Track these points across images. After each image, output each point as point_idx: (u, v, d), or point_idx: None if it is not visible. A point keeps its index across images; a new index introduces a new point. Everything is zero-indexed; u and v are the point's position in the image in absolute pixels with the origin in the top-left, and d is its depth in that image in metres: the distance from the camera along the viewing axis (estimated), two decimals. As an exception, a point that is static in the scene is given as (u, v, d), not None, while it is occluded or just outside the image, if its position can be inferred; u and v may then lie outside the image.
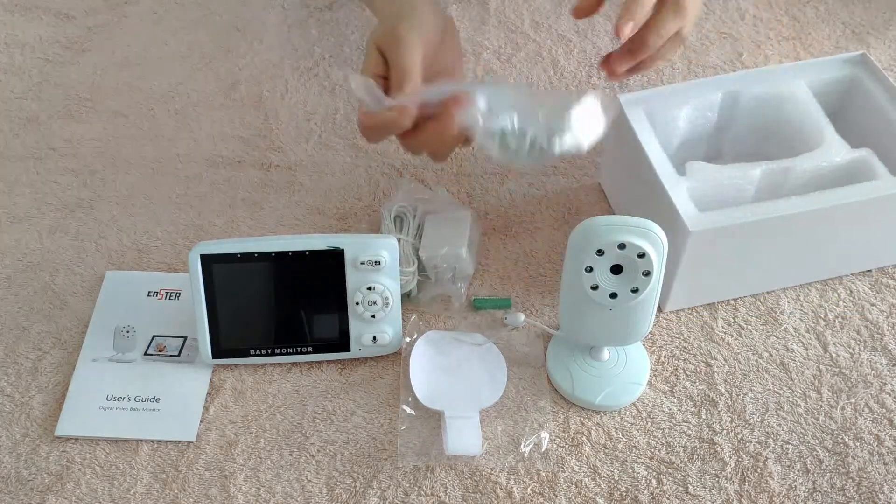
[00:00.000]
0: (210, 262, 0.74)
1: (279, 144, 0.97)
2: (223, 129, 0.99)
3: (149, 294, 0.83)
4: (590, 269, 0.67)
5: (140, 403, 0.76)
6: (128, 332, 0.80)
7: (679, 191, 0.75)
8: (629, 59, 0.72)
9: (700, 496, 0.70)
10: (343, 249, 0.75)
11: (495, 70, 1.04)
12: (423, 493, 0.71)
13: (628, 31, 0.68)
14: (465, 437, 0.72)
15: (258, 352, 0.77)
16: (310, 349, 0.78)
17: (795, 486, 0.71)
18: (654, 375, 0.77)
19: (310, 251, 0.74)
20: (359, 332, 0.77)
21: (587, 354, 0.77)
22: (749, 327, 0.81)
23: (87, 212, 0.91)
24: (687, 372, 0.78)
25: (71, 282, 0.85)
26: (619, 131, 0.83)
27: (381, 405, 0.76)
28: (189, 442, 0.74)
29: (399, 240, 0.80)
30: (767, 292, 0.83)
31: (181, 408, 0.76)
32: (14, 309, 0.83)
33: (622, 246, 0.65)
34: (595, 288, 0.68)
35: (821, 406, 0.75)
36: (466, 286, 0.83)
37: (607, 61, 0.73)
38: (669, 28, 0.70)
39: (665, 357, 0.79)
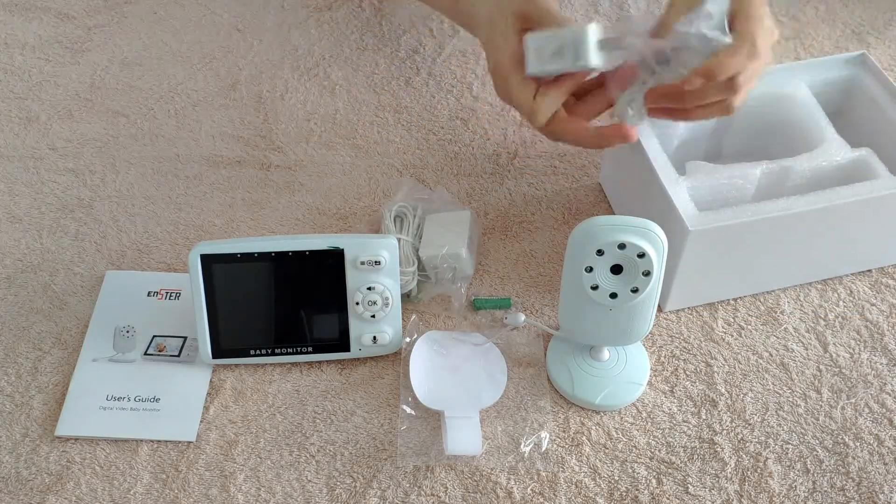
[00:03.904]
0: (210, 262, 0.74)
1: (279, 144, 0.97)
2: (223, 129, 0.99)
3: (149, 294, 0.83)
4: (590, 269, 0.67)
5: (140, 403, 0.76)
6: (128, 332, 0.80)
7: (679, 191, 0.75)
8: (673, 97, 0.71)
9: (700, 496, 0.70)
10: (343, 249, 0.75)
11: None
12: (423, 493, 0.71)
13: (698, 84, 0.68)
14: (465, 437, 0.72)
15: (258, 352, 0.77)
16: (310, 349, 0.78)
17: (795, 486, 0.71)
18: (654, 375, 0.77)
19: (310, 251, 0.74)
20: (359, 332, 0.77)
21: (587, 354, 0.77)
22: (749, 327, 0.81)
23: (87, 212, 0.91)
24: (687, 372, 0.78)
25: (71, 282, 0.85)
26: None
27: (381, 405, 0.76)
28: (189, 442, 0.74)
29: (399, 240, 0.80)
30: (767, 292, 0.83)
31: (181, 408, 0.75)
32: (14, 309, 0.83)
33: (622, 246, 0.65)
34: (595, 288, 0.68)
35: (821, 406, 0.75)
36: (466, 286, 0.83)
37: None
38: (738, 66, 0.68)
39: (665, 357, 0.79)
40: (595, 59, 0.67)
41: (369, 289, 0.76)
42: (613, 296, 0.68)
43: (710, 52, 0.67)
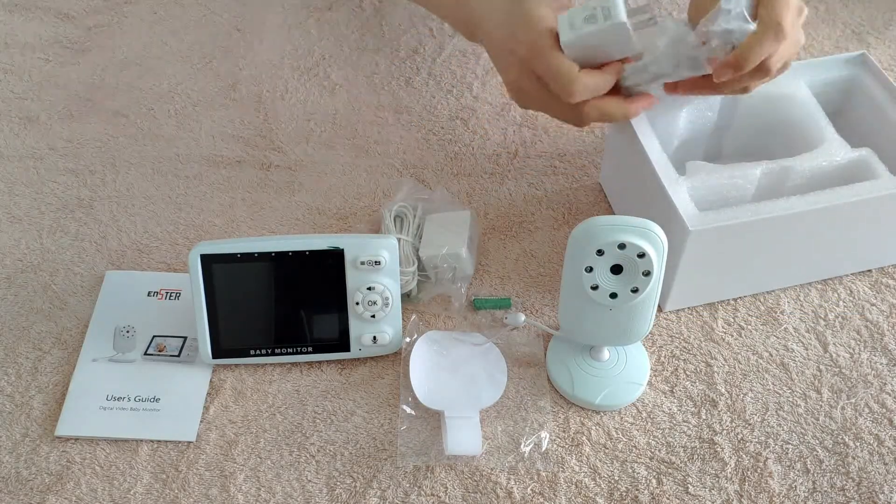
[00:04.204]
0: (210, 262, 0.74)
1: (279, 144, 0.97)
2: (223, 129, 0.99)
3: (149, 294, 0.83)
4: (590, 269, 0.67)
5: (140, 403, 0.76)
6: (128, 332, 0.80)
7: (679, 191, 0.75)
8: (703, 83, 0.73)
9: (700, 496, 0.70)
10: (343, 249, 0.75)
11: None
12: (423, 493, 0.71)
13: (726, 78, 0.70)
14: (465, 437, 0.72)
15: (258, 352, 0.77)
16: (310, 349, 0.78)
17: (795, 486, 0.71)
18: (654, 375, 0.77)
19: (310, 251, 0.75)
20: (359, 332, 0.77)
21: (587, 354, 0.77)
22: (749, 327, 0.81)
23: (87, 212, 0.91)
24: (687, 372, 0.78)
25: (71, 282, 0.85)
26: (619, 131, 0.83)
27: (381, 405, 0.76)
28: (189, 442, 0.74)
29: (399, 240, 0.80)
30: (767, 292, 0.83)
31: (181, 408, 0.75)
32: (14, 309, 0.83)
33: (622, 246, 0.65)
34: (595, 288, 0.68)
35: (821, 406, 0.75)
36: (466, 286, 0.83)
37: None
38: (765, 51, 0.69)
39: (665, 357, 0.79)
40: (625, 16, 0.68)
41: (369, 289, 0.76)
42: (613, 296, 0.68)
43: (737, 43, 0.68)
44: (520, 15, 0.72)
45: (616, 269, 0.67)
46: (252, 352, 0.77)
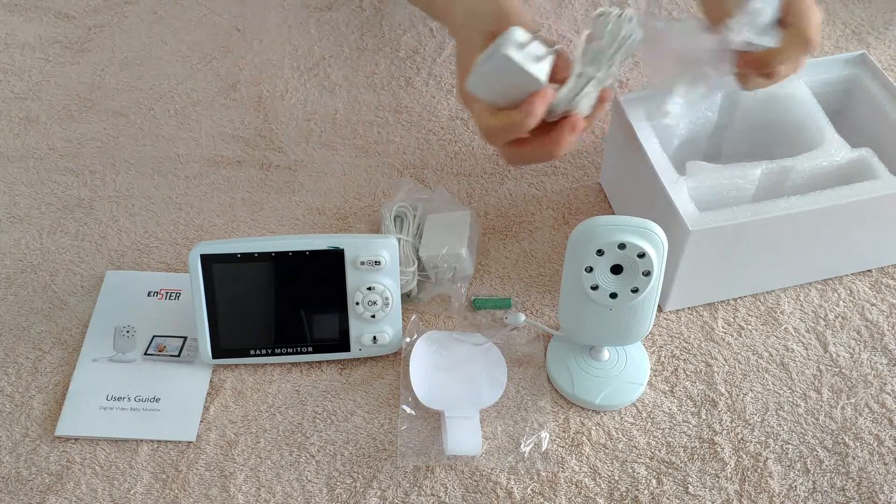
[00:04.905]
0: (210, 262, 0.74)
1: (279, 144, 0.97)
2: (223, 129, 0.99)
3: (149, 294, 0.83)
4: (590, 269, 0.67)
5: (140, 403, 0.76)
6: (128, 332, 0.80)
7: (679, 191, 0.75)
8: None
9: (700, 496, 0.70)
10: (343, 249, 0.75)
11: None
12: (423, 493, 0.71)
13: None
14: (465, 437, 0.72)
15: (258, 352, 0.77)
16: (310, 349, 0.78)
17: (795, 486, 0.71)
18: (654, 375, 0.77)
19: (310, 251, 0.75)
20: (359, 332, 0.77)
21: (587, 354, 0.77)
22: (749, 327, 0.81)
23: (87, 212, 0.91)
24: (687, 372, 0.78)
25: (71, 282, 0.85)
26: (620, 131, 0.83)
27: (381, 405, 0.76)
28: (189, 442, 0.74)
29: (399, 240, 0.80)
30: (767, 292, 0.83)
31: (181, 408, 0.75)
32: (14, 309, 0.83)
33: (622, 246, 0.65)
34: (595, 288, 0.68)
35: (821, 406, 0.75)
36: (466, 286, 0.83)
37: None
38: (790, 62, 0.69)
39: (665, 357, 0.79)
40: (511, 49, 0.64)
41: (369, 289, 0.76)
42: (613, 296, 0.68)
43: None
44: (467, 42, 0.69)
45: (616, 269, 0.67)
46: (252, 352, 0.77)
